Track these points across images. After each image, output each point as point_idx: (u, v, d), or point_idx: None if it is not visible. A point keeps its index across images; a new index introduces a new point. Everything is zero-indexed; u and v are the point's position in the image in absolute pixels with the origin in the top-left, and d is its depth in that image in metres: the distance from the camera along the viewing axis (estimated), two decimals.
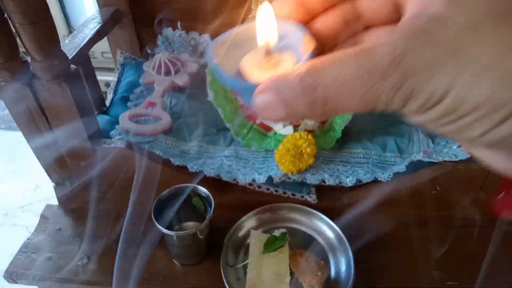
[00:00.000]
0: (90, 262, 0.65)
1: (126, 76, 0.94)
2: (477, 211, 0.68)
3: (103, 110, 0.86)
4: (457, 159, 0.62)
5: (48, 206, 0.75)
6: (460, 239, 0.69)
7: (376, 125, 0.81)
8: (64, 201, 0.74)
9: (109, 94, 0.90)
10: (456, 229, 0.71)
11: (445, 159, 0.63)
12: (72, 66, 0.60)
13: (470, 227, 0.70)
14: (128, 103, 0.84)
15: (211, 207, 0.60)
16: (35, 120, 0.61)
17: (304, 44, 0.27)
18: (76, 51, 0.69)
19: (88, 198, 0.73)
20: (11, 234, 1.16)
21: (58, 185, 0.73)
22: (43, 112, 0.60)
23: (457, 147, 0.64)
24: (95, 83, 0.83)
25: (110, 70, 1.01)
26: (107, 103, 0.88)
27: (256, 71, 0.27)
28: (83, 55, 0.74)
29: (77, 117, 0.62)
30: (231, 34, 0.29)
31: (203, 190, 0.62)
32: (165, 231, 0.56)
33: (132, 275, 0.61)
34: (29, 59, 0.57)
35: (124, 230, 0.61)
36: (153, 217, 0.57)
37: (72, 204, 0.74)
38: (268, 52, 0.27)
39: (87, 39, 0.73)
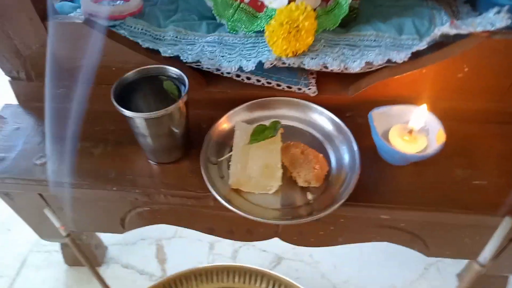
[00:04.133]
0: (49, 162, 0.55)
1: None
2: None
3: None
4: (493, 28, 0.49)
5: (7, 106, 0.65)
6: (490, 136, 0.58)
7: (390, 10, 0.67)
8: (22, 98, 0.64)
9: None
10: (486, 124, 0.59)
11: (478, 29, 0.50)
12: None
13: (504, 122, 0.59)
14: None
15: (185, 86, 0.48)
16: None
17: (438, 136, 0.51)
18: None
19: (49, 93, 0.62)
20: None
21: (13, 79, 0.62)
22: None
23: (494, 14, 0.50)
24: None
25: None
26: None
27: (397, 139, 0.52)
28: None
29: None
30: (390, 108, 0.54)
31: (173, 70, 0.50)
32: (128, 113, 0.46)
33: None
34: None
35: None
36: (112, 98, 0.47)
37: (31, 102, 0.64)
38: (410, 131, 0.52)
39: None
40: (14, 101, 0.65)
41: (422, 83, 0.56)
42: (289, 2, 0.57)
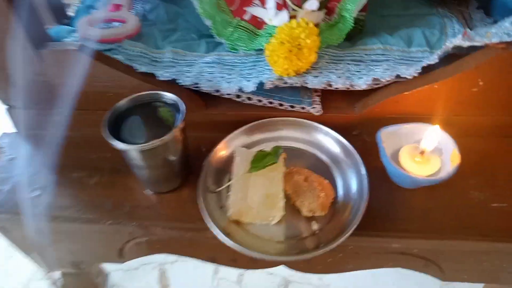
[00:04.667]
0: (44, 195, 0.53)
1: None
2: None
3: (65, 22, 0.72)
4: (510, 39, 0.45)
5: (5, 135, 0.63)
6: (507, 152, 0.54)
7: (398, 20, 0.64)
8: (20, 127, 0.62)
9: (75, 5, 0.76)
10: (504, 139, 0.55)
11: (493, 40, 0.46)
12: None
13: None
14: (92, 11, 0.70)
15: (180, 113, 0.46)
16: None
17: (452, 156, 0.47)
18: None
19: (46, 120, 0.61)
20: None
21: (11, 108, 0.60)
22: None
23: (511, 23, 0.47)
24: None
25: None
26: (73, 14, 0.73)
27: (408, 161, 0.48)
28: None
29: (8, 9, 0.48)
30: (400, 127, 0.51)
31: (169, 96, 0.48)
32: (121, 145, 0.44)
33: None
34: None
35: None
36: (104, 131, 0.44)
37: (29, 130, 0.62)
38: (422, 152, 0.48)
39: None
40: (13, 129, 0.63)
41: (434, 99, 0.53)
42: (290, 18, 0.54)
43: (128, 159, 0.47)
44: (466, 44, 0.48)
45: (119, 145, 0.44)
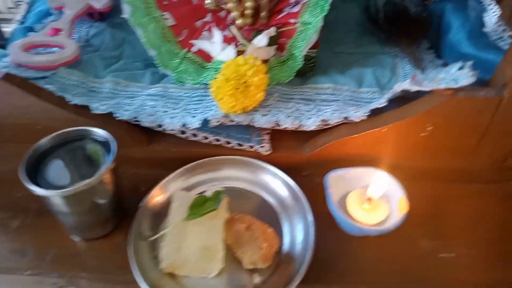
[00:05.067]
0: None
1: (38, 5, 0.74)
2: (481, 160, 0.52)
3: (1, 44, 0.66)
4: (457, 86, 0.45)
5: None
6: (456, 198, 0.53)
7: (350, 57, 0.63)
8: None
9: (13, 25, 0.70)
10: (452, 184, 0.54)
11: (441, 86, 0.45)
12: None
13: (471, 182, 0.54)
14: (30, 33, 0.65)
15: (110, 153, 0.42)
16: None
17: (400, 204, 0.46)
18: None
19: None
20: None
21: None
22: None
23: (458, 69, 0.46)
24: None
25: None
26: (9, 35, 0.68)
27: (356, 208, 0.47)
28: None
29: None
30: (347, 171, 0.49)
31: (99, 132, 0.44)
32: (40, 190, 0.39)
33: None
34: None
35: None
36: (21, 172, 0.39)
37: None
38: (369, 199, 0.47)
39: None
40: None
41: (383, 143, 0.51)
42: (238, 53, 0.52)
43: (49, 205, 0.42)
44: (414, 88, 0.47)
45: (37, 190, 0.39)
